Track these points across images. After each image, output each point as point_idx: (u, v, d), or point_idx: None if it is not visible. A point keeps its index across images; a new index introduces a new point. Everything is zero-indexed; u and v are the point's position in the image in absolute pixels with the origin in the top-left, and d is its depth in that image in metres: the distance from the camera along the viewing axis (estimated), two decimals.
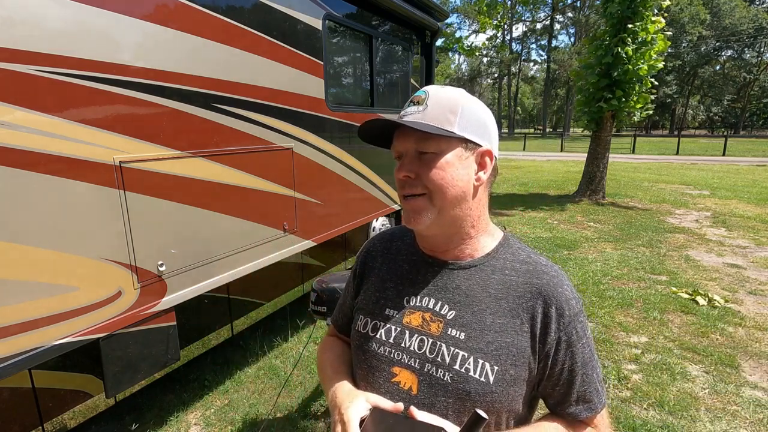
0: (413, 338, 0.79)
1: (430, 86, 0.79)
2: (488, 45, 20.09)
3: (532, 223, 7.17)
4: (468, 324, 0.76)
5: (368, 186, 3.80)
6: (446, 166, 0.74)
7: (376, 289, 0.88)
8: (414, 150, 0.76)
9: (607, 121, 8.55)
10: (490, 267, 0.80)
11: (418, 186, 0.75)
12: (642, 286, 4.39)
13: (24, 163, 1.51)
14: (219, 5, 2.22)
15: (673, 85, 41.40)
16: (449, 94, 0.77)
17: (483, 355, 0.74)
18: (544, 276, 0.78)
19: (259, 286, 2.84)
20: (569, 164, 16.35)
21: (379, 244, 0.95)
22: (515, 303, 0.77)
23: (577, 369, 0.77)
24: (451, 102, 0.76)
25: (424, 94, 0.77)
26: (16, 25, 1.47)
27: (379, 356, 0.81)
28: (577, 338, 0.77)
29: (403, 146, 0.78)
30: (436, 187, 0.74)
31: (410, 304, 0.82)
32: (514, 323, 0.76)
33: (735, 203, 8.59)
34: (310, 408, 2.59)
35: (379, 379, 0.79)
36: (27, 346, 1.55)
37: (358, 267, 0.96)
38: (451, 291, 0.80)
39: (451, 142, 0.75)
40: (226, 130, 2.32)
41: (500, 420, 0.75)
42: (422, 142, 0.75)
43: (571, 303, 0.77)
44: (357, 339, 0.86)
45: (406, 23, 4.20)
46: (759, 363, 3.00)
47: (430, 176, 0.74)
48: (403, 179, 0.77)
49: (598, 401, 0.79)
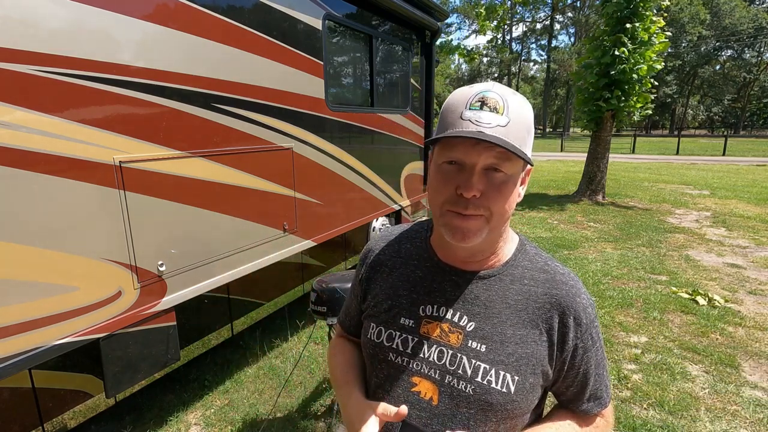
0: (432, 349, 0.77)
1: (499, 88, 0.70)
2: (488, 46, 20.11)
3: (532, 223, 7.17)
4: (488, 336, 0.75)
5: (368, 186, 3.80)
6: (513, 190, 0.71)
7: (388, 296, 0.84)
8: (485, 164, 0.68)
9: (607, 121, 8.55)
10: (509, 276, 0.79)
11: (480, 207, 0.69)
12: (642, 286, 4.39)
13: (24, 163, 1.51)
14: (219, 5, 2.22)
15: (673, 85, 41.40)
16: (526, 110, 0.70)
17: (504, 367, 0.74)
18: (563, 286, 0.78)
19: (259, 286, 2.84)
20: (569, 164, 16.34)
21: (385, 245, 0.91)
22: (534, 314, 0.76)
23: (592, 371, 0.80)
24: (527, 120, 0.70)
25: (500, 101, 0.67)
26: (16, 25, 1.47)
27: (397, 366, 0.79)
28: (591, 343, 0.79)
29: (472, 158, 0.68)
30: (500, 210, 0.70)
31: (426, 314, 0.80)
32: (533, 334, 0.76)
33: (735, 203, 8.59)
34: (310, 408, 2.59)
35: (398, 389, 0.78)
36: (27, 346, 1.55)
37: (363, 270, 0.92)
38: (470, 302, 0.78)
39: (521, 164, 0.70)
40: (226, 130, 2.32)
41: (518, 423, 0.77)
42: (502, 161, 0.67)
43: (588, 311, 0.78)
44: (371, 347, 0.84)
45: (406, 23, 4.20)
46: (759, 363, 3.00)
47: (499, 200, 0.69)
48: (470, 198, 0.68)
49: (607, 396, 0.84)
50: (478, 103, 0.68)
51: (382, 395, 0.80)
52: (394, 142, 4.22)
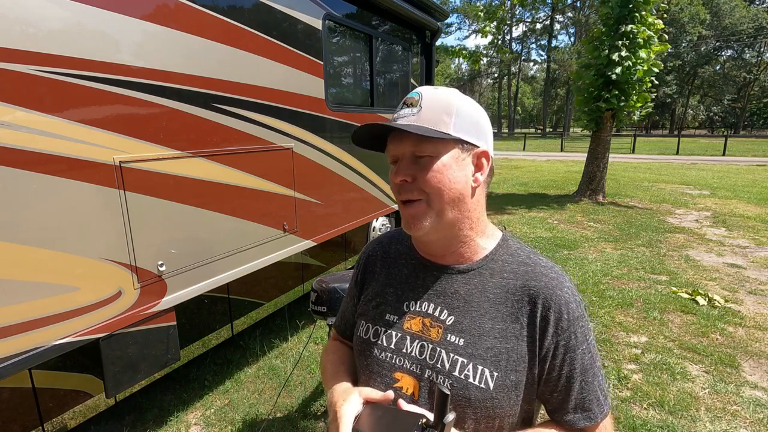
0: (414, 344, 0.79)
1: (423, 87, 0.78)
2: (489, 46, 20.06)
3: (532, 223, 7.17)
4: (467, 330, 0.76)
5: (368, 186, 3.80)
6: (443, 169, 0.73)
7: (377, 294, 0.88)
8: (410, 153, 0.75)
9: (607, 120, 8.56)
10: (488, 270, 0.79)
11: (414, 190, 0.74)
12: (642, 286, 4.39)
13: (24, 163, 1.51)
14: (219, 5, 2.22)
15: (673, 85, 41.38)
16: (443, 95, 0.75)
17: (482, 362, 0.73)
18: (543, 278, 0.76)
19: (259, 286, 2.84)
20: (569, 164, 16.34)
21: (378, 248, 0.94)
22: (514, 307, 0.75)
23: (576, 375, 0.75)
24: (445, 103, 0.74)
25: (417, 96, 0.75)
26: (16, 25, 1.47)
27: (381, 362, 0.81)
28: (576, 343, 0.74)
29: (399, 150, 0.76)
30: (433, 190, 0.73)
31: (410, 309, 0.82)
32: (514, 328, 0.75)
33: (735, 203, 8.59)
34: (310, 408, 2.59)
35: (381, 385, 0.79)
36: (27, 346, 1.55)
37: (359, 273, 0.95)
38: (449, 296, 0.79)
39: (447, 144, 0.74)
40: (226, 130, 2.31)
41: (503, 424, 0.75)
42: (418, 145, 0.73)
43: (570, 306, 0.75)
44: (359, 345, 0.86)
45: (406, 23, 4.20)
46: (759, 363, 3.00)
47: (427, 179, 0.73)
48: (399, 183, 0.75)
49: (599, 411, 0.76)
50: (401, 104, 0.77)
51: None
52: None
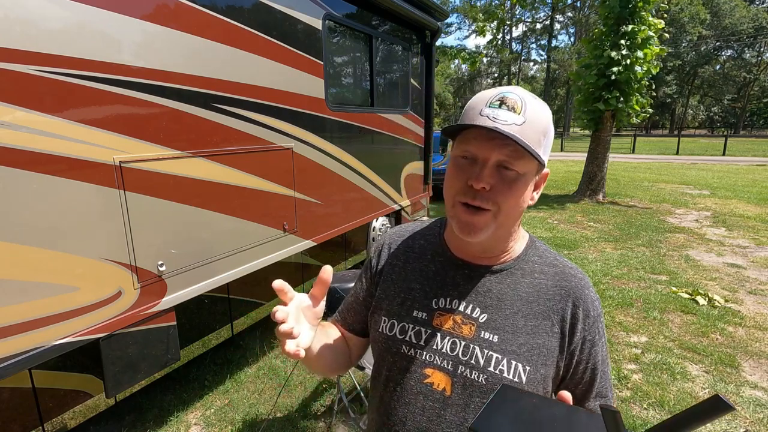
0: (445, 340, 0.79)
1: (520, 90, 0.72)
2: (488, 46, 20.13)
3: (532, 223, 7.17)
4: (501, 327, 0.77)
5: (368, 186, 3.80)
6: (523, 188, 0.72)
7: (401, 289, 0.86)
8: (497, 161, 0.70)
9: (607, 120, 8.56)
10: (520, 271, 0.82)
11: (489, 200, 0.71)
12: (642, 286, 4.39)
13: (24, 163, 1.51)
14: (219, 5, 2.22)
15: (673, 84, 41.38)
16: (543, 113, 0.72)
17: (516, 357, 0.75)
18: (573, 279, 0.81)
19: (259, 286, 2.84)
20: (569, 164, 16.35)
21: (400, 240, 0.92)
22: (546, 305, 0.79)
23: (599, 367, 0.80)
24: (545, 122, 0.72)
25: (519, 102, 0.70)
26: (16, 25, 1.47)
27: (410, 358, 0.81)
28: (598, 338, 0.81)
29: (485, 152, 0.70)
30: (509, 206, 0.72)
31: (439, 306, 0.81)
32: (545, 325, 0.78)
33: (735, 203, 8.59)
34: (310, 408, 2.59)
35: (411, 381, 0.80)
36: (27, 346, 1.55)
37: (375, 261, 0.92)
38: (482, 294, 0.80)
39: (533, 165, 0.72)
40: (226, 130, 2.31)
41: None
42: (514, 158, 0.69)
43: (595, 304, 0.81)
44: (383, 341, 0.85)
45: (406, 23, 4.20)
46: (759, 363, 3.00)
47: (508, 197, 0.71)
48: (479, 190, 0.70)
49: (612, 395, 0.84)
50: (498, 102, 0.70)
51: (393, 387, 0.82)
52: (394, 142, 4.22)
